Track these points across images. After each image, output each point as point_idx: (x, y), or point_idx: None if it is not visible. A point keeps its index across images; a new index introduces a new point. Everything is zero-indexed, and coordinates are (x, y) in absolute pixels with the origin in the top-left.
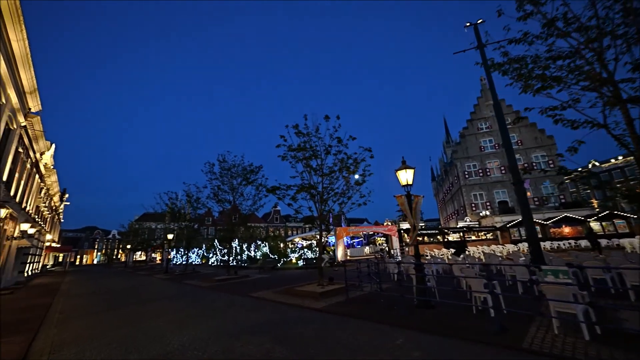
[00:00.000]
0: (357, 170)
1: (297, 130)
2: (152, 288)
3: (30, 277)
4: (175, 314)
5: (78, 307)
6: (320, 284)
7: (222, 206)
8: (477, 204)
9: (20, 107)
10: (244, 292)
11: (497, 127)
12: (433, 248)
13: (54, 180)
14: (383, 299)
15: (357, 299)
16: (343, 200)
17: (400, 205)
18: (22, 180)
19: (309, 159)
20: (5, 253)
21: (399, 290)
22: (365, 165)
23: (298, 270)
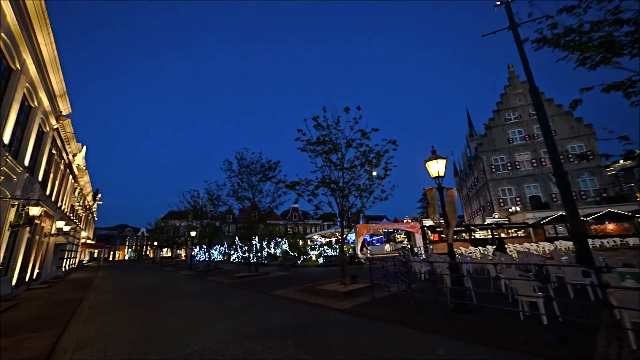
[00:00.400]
0: (380, 163)
1: (316, 123)
2: (176, 285)
3: (68, 272)
4: (196, 312)
5: (106, 302)
6: (343, 283)
7: (241, 203)
8: (505, 199)
9: (51, 110)
10: (265, 290)
11: (526, 118)
12: (459, 246)
13: (87, 180)
14: (414, 301)
15: (384, 299)
16: (365, 196)
17: (431, 200)
18: (56, 181)
19: (329, 152)
20: (43, 249)
21: (429, 291)
22: (388, 157)
23: (318, 267)
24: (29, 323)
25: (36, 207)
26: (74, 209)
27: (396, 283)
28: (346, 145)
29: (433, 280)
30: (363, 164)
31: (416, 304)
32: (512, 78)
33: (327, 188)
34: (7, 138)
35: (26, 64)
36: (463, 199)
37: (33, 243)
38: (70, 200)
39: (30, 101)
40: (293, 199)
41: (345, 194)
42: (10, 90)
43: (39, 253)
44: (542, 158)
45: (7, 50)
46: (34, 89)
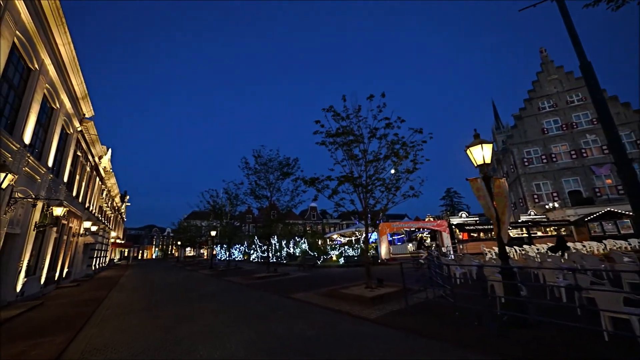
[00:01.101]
0: (409, 155)
1: (334, 113)
2: (196, 285)
3: (98, 270)
4: (212, 318)
5: (125, 303)
6: (369, 286)
7: (259, 202)
8: (540, 195)
9: (74, 112)
10: (284, 292)
11: (563, 105)
12: (491, 245)
13: (113, 182)
14: (458, 312)
15: (418, 307)
16: (391, 192)
17: (476, 192)
18: (83, 183)
19: (350, 144)
20: (72, 249)
21: (475, 299)
22: (417, 149)
23: (339, 268)
24: (46, 325)
25: (60, 207)
26: (102, 210)
27: (431, 288)
28: (369, 135)
29: (484, 288)
30: (388, 156)
31: (460, 315)
32: (546, 63)
33: (349, 184)
34: (27, 138)
35: (45, 64)
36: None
37: (61, 243)
38: (98, 201)
39: (52, 103)
40: (312, 198)
41: (369, 190)
42: (29, 90)
43: (68, 252)
44: (582, 149)
45: (24, 50)
46: (54, 91)
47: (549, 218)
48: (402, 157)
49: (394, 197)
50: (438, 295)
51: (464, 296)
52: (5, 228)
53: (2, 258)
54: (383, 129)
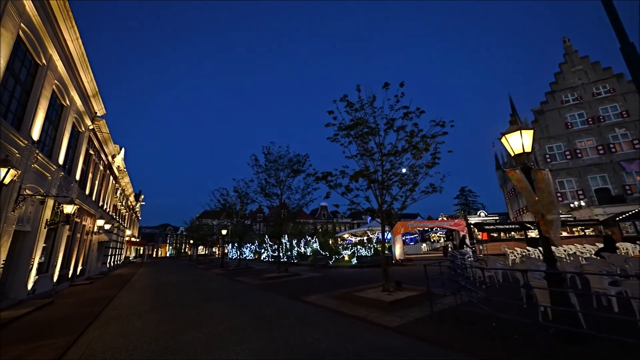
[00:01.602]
0: (429, 148)
1: (347, 104)
2: (206, 284)
3: (113, 268)
4: (218, 323)
5: (133, 303)
6: (386, 290)
7: (269, 200)
8: (564, 193)
9: (85, 110)
10: (296, 294)
11: (589, 98)
12: (514, 246)
13: (127, 181)
14: (495, 322)
15: (445, 315)
16: (409, 188)
17: (517, 184)
18: (96, 181)
19: (365, 136)
20: (86, 247)
21: (507, 306)
22: (437, 142)
23: (351, 269)
24: (50, 326)
25: (70, 205)
26: (116, 209)
27: (457, 293)
28: (386, 127)
29: (530, 297)
30: (406, 149)
31: (498, 325)
32: (569, 53)
33: (364, 179)
34: (36, 135)
35: (53, 60)
36: (508, 195)
37: (74, 241)
38: (112, 200)
39: (62, 100)
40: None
41: (386, 186)
42: (37, 86)
43: (82, 250)
44: (610, 144)
45: (30, 44)
46: (64, 87)
47: (575, 217)
48: (422, 150)
49: (412, 193)
50: (465, 301)
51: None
52: (14, 225)
53: (12, 256)
54: (401, 119)
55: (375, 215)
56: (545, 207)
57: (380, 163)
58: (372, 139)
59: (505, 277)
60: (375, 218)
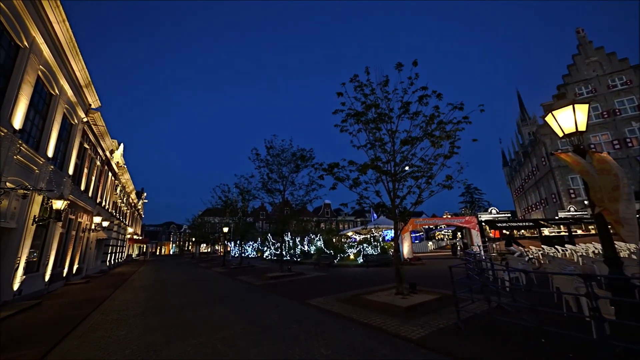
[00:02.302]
0: (451, 136)
1: (358, 84)
2: (206, 284)
3: (113, 266)
4: (213, 332)
5: (124, 305)
6: (400, 293)
7: (272, 197)
8: (577, 189)
9: (78, 101)
10: (301, 296)
11: (604, 90)
12: (528, 244)
13: (128, 178)
14: (544, 338)
15: (474, 324)
16: (425, 180)
17: (575, 167)
18: (93, 177)
19: (378, 121)
20: (83, 244)
21: (550, 317)
22: (456, 129)
23: (357, 268)
24: (28, 333)
25: (60, 200)
26: (117, 206)
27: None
28: (400, 111)
29: (593, 309)
30: (421, 137)
31: (547, 340)
32: (583, 44)
33: (375, 171)
34: (18, 124)
35: (36, 42)
36: (515, 193)
37: (69, 238)
38: (111, 197)
39: (50, 88)
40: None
41: (399, 178)
42: (18, 70)
43: (78, 248)
44: (627, 138)
45: (8, 24)
46: (52, 75)
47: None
48: (442, 138)
49: (428, 186)
50: (493, 307)
51: (540, 312)
52: None
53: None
54: (417, 103)
55: (386, 211)
56: (609, 196)
57: (392, 153)
58: (384, 126)
59: (529, 280)
60: (383, 214)
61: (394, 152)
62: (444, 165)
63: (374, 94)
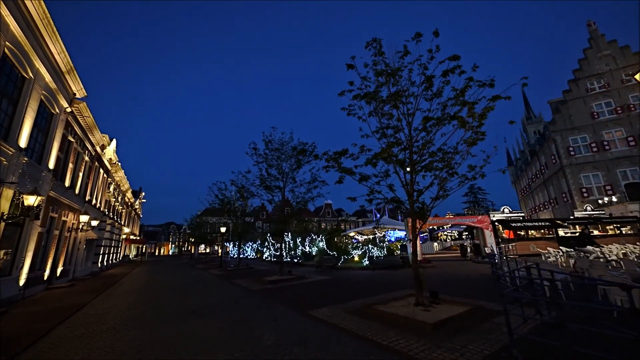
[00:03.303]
0: (483, 118)
1: (377, 52)
2: (198, 289)
3: (106, 267)
4: (199, 353)
5: (100, 315)
6: (420, 303)
7: (271, 194)
8: (589, 188)
9: (59, 89)
10: (302, 305)
11: (617, 85)
12: (546, 246)
13: (122, 176)
14: None
15: (529, 348)
16: (447, 171)
17: None
18: (80, 173)
19: (395, 99)
20: (69, 245)
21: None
22: (488, 106)
23: (363, 271)
24: None
25: (32, 195)
26: (110, 205)
27: (538, 309)
28: (423, 86)
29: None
30: (447, 118)
31: None
32: (595, 38)
33: (388, 161)
34: None
35: (1, 15)
36: (521, 192)
37: (52, 238)
38: (104, 195)
39: (21, 70)
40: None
41: (417, 170)
42: None
43: (63, 249)
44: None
45: None
46: (23, 55)
47: (612, 214)
48: (474, 118)
49: (450, 178)
50: (545, 322)
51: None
52: None
53: None
54: (441, 77)
55: (402, 207)
56: None
57: (409, 140)
58: (400, 109)
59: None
60: (399, 211)
61: (410, 138)
62: (468, 152)
63: (389, 68)
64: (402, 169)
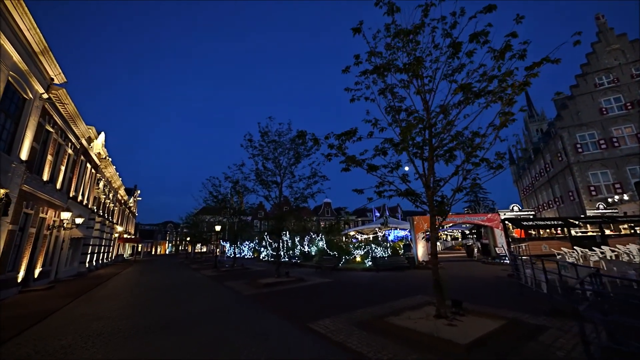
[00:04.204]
0: (523, 89)
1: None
2: (184, 292)
3: (95, 267)
4: None
5: (60, 328)
6: (442, 314)
7: (267, 190)
8: (598, 186)
9: (33, 72)
10: (300, 315)
11: (627, 80)
12: (560, 246)
13: (113, 172)
14: None
15: None
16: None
17: None
18: (62, 166)
19: (415, 68)
20: (51, 244)
21: None
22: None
23: (366, 272)
24: None
25: None
26: (100, 202)
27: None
28: (449, 51)
29: None
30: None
31: None
32: (603, 32)
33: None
34: None
35: None
36: (524, 191)
37: (27, 237)
38: (92, 192)
39: None
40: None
41: (441, 155)
42: None
43: (41, 248)
44: None
45: None
46: None
47: (626, 212)
48: (515, 87)
49: (475, 168)
50: (626, 350)
51: None
52: None
53: None
54: (468, 42)
55: (418, 201)
56: None
57: (427, 121)
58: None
59: None
60: (415, 204)
61: (428, 119)
62: (497, 137)
63: (407, 29)
64: (419, 155)
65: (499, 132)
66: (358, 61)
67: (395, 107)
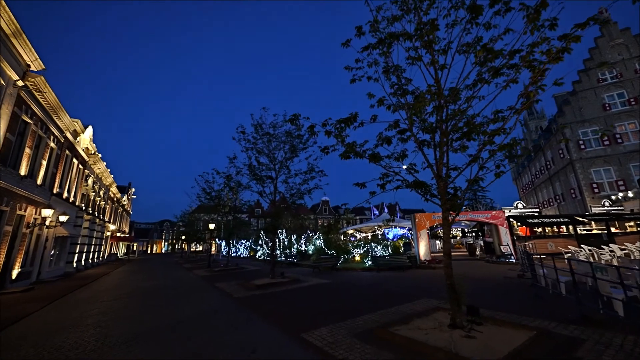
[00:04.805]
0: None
1: None
2: (170, 295)
3: (84, 267)
4: None
5: (18, 340)
6: (458, 324)
7: (262, 185)
8: (600, 183)
9: (5, 56)
10: (295, 323)
11: (631, 75)
12: (567, 244)
13: (103, 168)
14: None
15: None
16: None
17: None
18: (43, 160)
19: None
20: (31, 243)
21: None
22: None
23: (365, 272)
24: None
25: None
26: (89, 200)
27: None
28: (467, 17)
29: None
30: (498, 68)
31: None
32: (607, 26)
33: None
34: None
35: None
36: (523, 189)
37: (2, 235)
38: (80, 189)
39: None
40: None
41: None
42: None
43: (20, 248)
44: None
45: None
46: None
47: (633, 210)
48: (551, 54)
49: (492, 157)
50: None
51: None
52: None
53: None
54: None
55: (428, 193)
56: None
57: (439, 102)
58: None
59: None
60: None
61: (441, 96)
62: (518, 120)
63: None
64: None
65: (520, 114)
66: (361, 32)
67: (402, 87)
